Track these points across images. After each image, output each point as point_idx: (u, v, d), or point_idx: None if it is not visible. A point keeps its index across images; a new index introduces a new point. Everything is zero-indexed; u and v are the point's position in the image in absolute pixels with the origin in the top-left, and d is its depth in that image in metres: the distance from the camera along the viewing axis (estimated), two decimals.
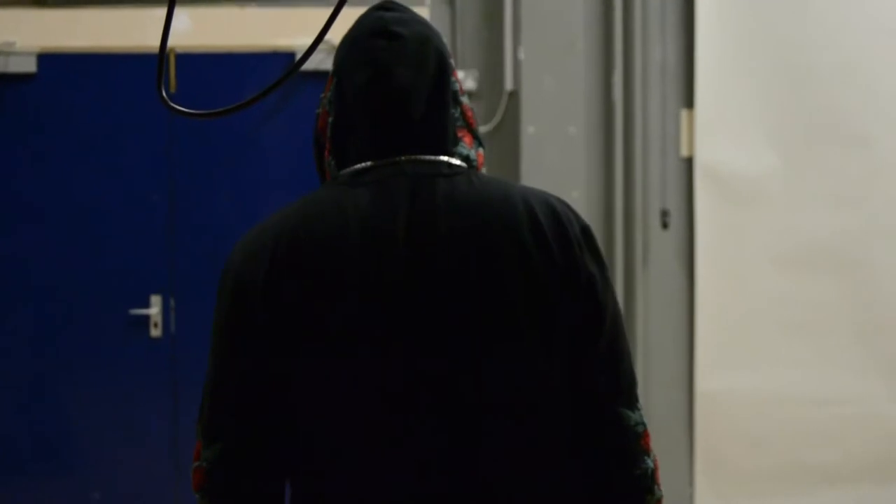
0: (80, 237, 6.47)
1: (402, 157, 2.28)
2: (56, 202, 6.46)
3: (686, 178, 6.62)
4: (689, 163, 6.59)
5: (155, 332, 6.50)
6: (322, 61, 6.18)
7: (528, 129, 6.37)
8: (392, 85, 2.28)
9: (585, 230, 2.28)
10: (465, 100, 2.39)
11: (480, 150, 2.36)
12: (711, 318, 6.58)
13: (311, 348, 2.17)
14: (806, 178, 6.54)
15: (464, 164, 2.31)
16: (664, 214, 6.65)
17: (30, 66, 6.40)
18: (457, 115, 2.35)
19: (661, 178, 6.64)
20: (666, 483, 6.51)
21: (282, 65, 6.40)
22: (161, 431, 6.50)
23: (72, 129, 6.44)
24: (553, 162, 6.36)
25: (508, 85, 6.48)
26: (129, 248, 6.50)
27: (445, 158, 2.29)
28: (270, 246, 2.23)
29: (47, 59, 6.42)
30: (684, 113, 6.60)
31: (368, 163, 2.28)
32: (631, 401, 2.28)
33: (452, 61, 2.39)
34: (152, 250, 6.51)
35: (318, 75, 6.34)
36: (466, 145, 2.34)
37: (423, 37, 2.33)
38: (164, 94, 2.05)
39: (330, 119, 2.34)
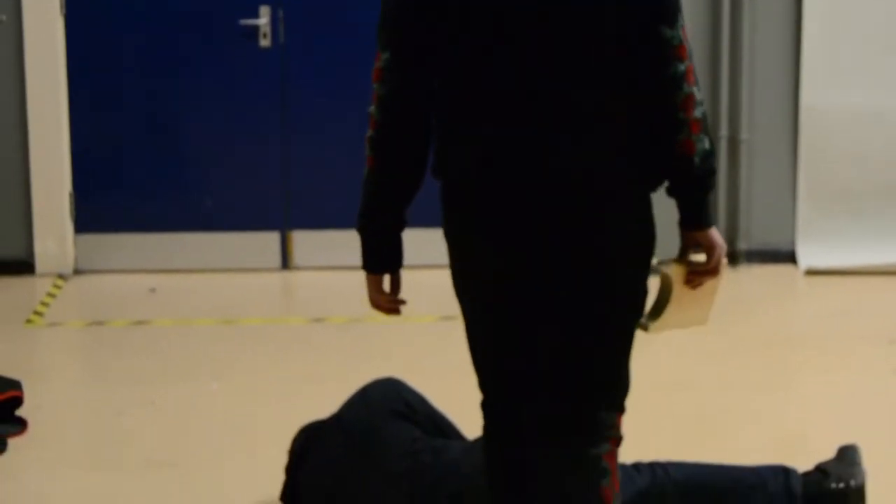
0: None
1: None
2: None
3: None
4: None
5: (264, 43, 6.57)
6: None
7: None
8: None
9: None
10: None
11: None
12: (819, 34, 6.52)
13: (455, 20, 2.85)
14: None
15: None
16: None
17: None
18: None
19: None
20: (768, 195, 6.58)
21: None
22: (270, 139, 6.63)
23: None
24: None
25: None
26: None
27: None
28: None
29: None
30: None
31: None
32: (671, 21, 2.80)
33: None
34: None
35: None
36: None
37: None
38: None
39: None
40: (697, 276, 2.99)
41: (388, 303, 3.11)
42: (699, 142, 2.84)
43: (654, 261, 2.97)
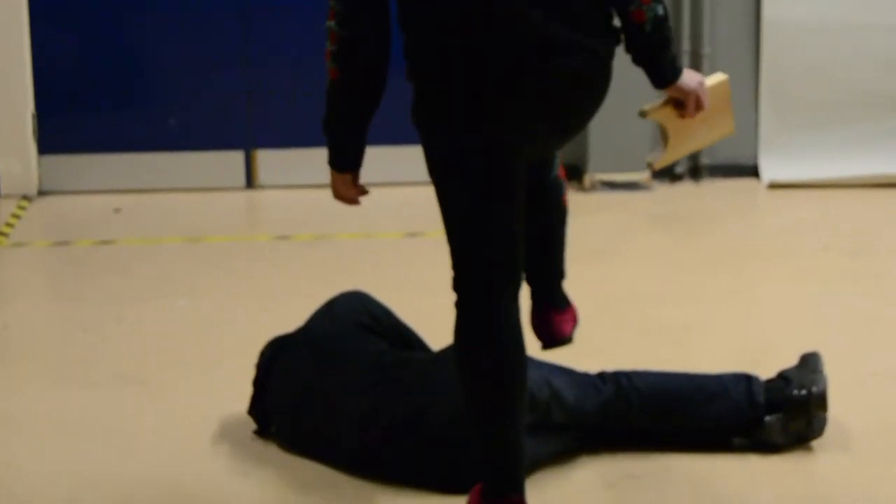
0: None
1: None
2: None
3: None
4: None
5: None
6: None
7: None
8: None
9: None
10: None
11: None
12: None
13: None
14: None
15: None
16: None
17: None
18: None
19: None
20: None
21: None
22: (233, 57, 6.60)
23: None
24: None
25: None
26: None
27: None
28: None
29: None
30: None
31: None
32: None
33: None
34: None
35: None
36: None
37: None
38: None
39: None
40: (686, 114, 3.23)
41: (352, 194, 3.31)
42: (649, 10, 3.05)
43: (645, 106, 3.25)
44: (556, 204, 3.57)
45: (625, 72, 3.23)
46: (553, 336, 3.65)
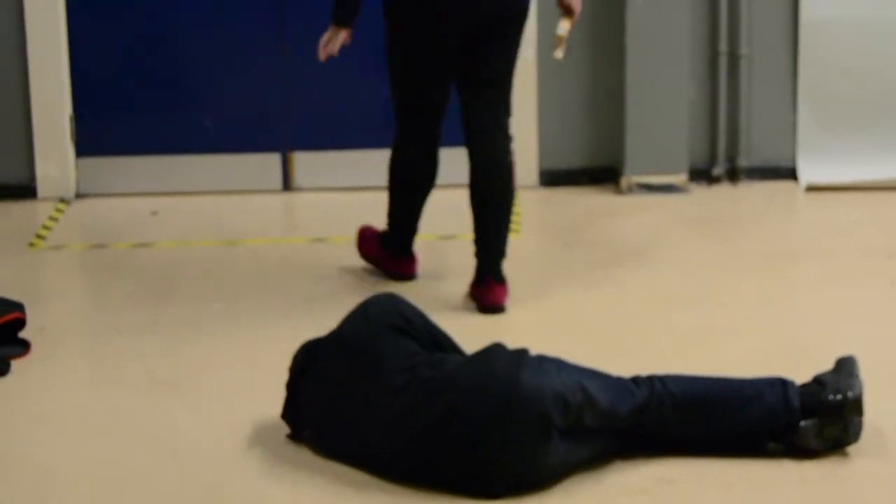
0: None
1: None
2: None
3: None
4: None
5: None
6: None
7: None
8: None
9: None
10: None
11: None
12: None
13: None
14: None
15: None
16: None
17: None
18: None
19: None
20: (769, 111, 6.58)
21: None
22: (270, 59, 6.60)
23: None
24: None
25: None
26: None
27: None
28: None
29: None
30: None
31: None
32: None
33: None
34: None
35: None
36: None
37: None
38: None
39: None
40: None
41: (337, 45, 5.00)
42: None
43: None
44: (500, 173, 4.84)
45: (658, 76, 3.22)
46: (491, 303, 4.79)
